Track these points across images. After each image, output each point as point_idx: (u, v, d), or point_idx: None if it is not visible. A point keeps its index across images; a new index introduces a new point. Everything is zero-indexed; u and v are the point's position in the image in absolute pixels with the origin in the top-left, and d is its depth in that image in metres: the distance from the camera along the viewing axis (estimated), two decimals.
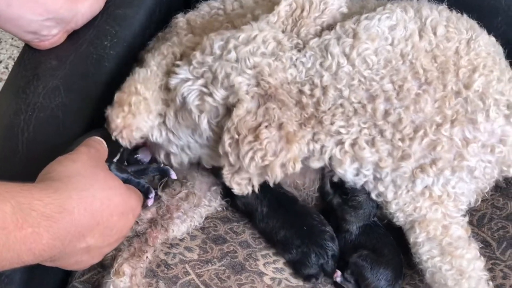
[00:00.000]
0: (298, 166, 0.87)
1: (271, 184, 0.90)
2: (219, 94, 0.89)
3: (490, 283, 0.92)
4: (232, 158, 0.86)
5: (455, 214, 0.95)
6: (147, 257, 0.97)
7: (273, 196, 1.06)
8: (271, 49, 0.91)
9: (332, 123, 0.92)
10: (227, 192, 1.08)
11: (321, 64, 0.92)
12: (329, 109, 0.92)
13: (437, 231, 0.93)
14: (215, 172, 1.04)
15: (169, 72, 0.96)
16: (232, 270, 0.99)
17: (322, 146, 0.94)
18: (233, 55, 0.89)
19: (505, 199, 1.07)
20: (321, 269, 1.00)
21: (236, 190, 0.89)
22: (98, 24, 1.04)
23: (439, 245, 0.93)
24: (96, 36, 1.03)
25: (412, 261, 0.97)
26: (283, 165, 0.86)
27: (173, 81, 0.93)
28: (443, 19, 0.95)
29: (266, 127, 0.85)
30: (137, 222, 1.00)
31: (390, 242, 1.02)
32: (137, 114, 0.92)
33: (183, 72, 0.93)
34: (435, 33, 0.93)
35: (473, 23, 0.99)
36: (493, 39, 1.00)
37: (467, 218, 0.97)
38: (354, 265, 0.99)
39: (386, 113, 0.91)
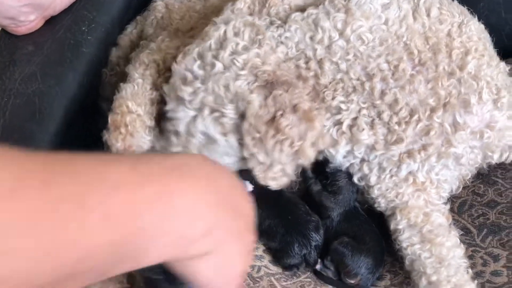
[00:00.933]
0: (327, 139, 0.86)
1: (306, 165, 0.87)
2: (230, 109, 0.84)
3: (470, 270, 0.92)
4: (261, 157, 0.84)
5: (437, 201, 0.95)
6: None
7: (259, 187, 1.04)
8: (247, 37, 0.87)
9: (333, 98, 0.91)
10: None
11: (311, 38, 0.91)
12: (330, 83, 0.91)
13: (418, 218, 0.92)
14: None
15: (156, 84, 0.93)
16: None
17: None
18: (219, 66, 0.84)
19: (486, 186, 1.07)
20: (303, 260, 0.99)
21: (274, 185, 0.87)
22: (76, 10, 1.02)
23: (420, 232, 0.92)
24: (74, 21, 1.02)
25: (392, 248, 0.97)
26: (313, 144, 0.84)
27: (181, 128, 0.88)
28: (436, 1, 0.95)
29: (281, 115, 0.82)
30: None
31: (372, 229, 1.01)
32: (135, 132, 0.90)
33: (182, 114, 0.87)
34: (428, 15, 0.93)
35: (463, 9, 0.99)
36: (482, 25, 1.00)
37: (448, 206, 0.97)
38: (334, 252, 0.98)
39: (383, 93, 0.91)
